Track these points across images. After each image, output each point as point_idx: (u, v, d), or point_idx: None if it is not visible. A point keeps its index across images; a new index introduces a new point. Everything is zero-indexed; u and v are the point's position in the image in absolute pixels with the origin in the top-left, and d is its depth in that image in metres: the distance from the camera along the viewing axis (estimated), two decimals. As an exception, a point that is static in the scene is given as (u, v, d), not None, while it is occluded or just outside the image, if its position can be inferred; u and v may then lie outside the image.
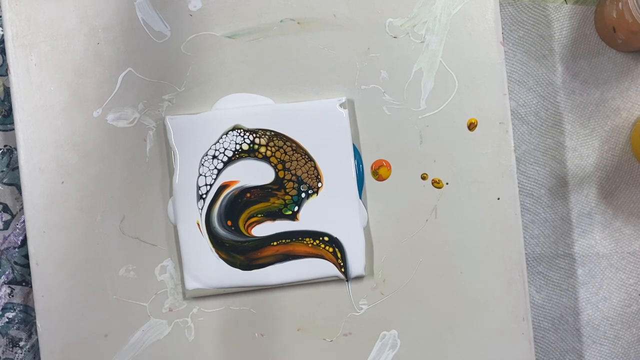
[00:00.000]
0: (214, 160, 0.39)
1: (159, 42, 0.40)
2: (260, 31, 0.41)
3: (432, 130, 0.41)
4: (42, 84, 0.40)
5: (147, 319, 0.40)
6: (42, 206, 0.39)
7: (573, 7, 0.46)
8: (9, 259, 0.43)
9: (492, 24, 0.41)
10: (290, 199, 0.40)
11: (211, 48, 0.40)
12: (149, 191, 0.40)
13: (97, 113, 0.40)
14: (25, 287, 0.43)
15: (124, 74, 0.40)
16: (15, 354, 0.43)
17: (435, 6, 0.41)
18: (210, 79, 0.40)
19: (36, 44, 0.40)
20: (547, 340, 0.47)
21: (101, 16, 0.40)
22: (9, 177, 0.43)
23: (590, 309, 0.47)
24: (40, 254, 0.39)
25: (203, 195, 0.39)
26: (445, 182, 0.41)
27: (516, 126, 0.46)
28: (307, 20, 0.41)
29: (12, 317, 0.43)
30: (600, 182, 0.47)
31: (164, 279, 0.40)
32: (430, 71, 0.41)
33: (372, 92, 0.41)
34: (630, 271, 0.47)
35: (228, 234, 0.39)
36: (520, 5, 0.46)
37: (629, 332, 0.47)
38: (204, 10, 0.40)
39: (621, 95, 0.46)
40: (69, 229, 0.39)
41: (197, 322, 0.40)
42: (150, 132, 0.40)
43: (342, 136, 0.40)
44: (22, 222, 0.43)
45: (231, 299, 0.40)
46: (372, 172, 0.41)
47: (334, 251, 0.40)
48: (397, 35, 0.41)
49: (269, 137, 0.40)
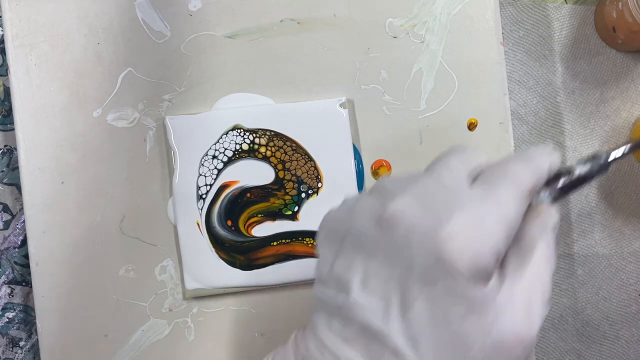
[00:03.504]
0: (214, 160, 0.39)
1: (159, 42, 0.40)
2: (260, 31, 0.41)
3: (432, 130, 0.41)
4: (42, 84, 0.40)
5: (147, 319, 0.40)
6: (42, 206, 0.39)
7: (573, 7, 0.46)
8: (9, 259, 0.43)
9: (492, 24, 0.41)
10: (290, 199, 0.40)
11: (211, 48, 0.40)
12: (149, 191, 0.40)
13: (97, 113, 0.40)
14: (25, 287, 0.43)
15: (124, 74, 0.40)
16: (15, 354, 0.43)
17: (435, 6, 0.41)
18: (210, 79, 0.40)
19: (36, 44, 0.40)
20: (547, 340, 0.47)
21: (101, 16, 0.40)
22: (9, 177, 0.43)
23: (590, 309, 0.47)
24: (40, 254, 0.39)
25: (203, 195, 0.39)
26: (445, 182, 0.41)
27: (516, 126, 0.46)
28: (307, 20, 0.41)
29: (12, 317, 0.43)
30: (600, 182, 0.47)
31: (164, 279, 0.40)
32: (430, 71, 0.41)
33: (372, 92, 0.41)
34: (630, 271, 0.47)
35: (228, 234, 0.39)
36: (520, 5, 0.46)
37: (629, 332, 0.47)
38: (204, 10, 0.40)
39: (621, 95, 0.46)
40: (69, 229, 0.39)
41: (197, 322, 0.40)
42: (150, 132, 0.40)
43: (342, 136, 0.40)
44: (22, 222, 0.43)
45: (231, 299, 0.40)
46: (372, 172, 0.41)
47: (334, 251, 0.40)
48: (397, 35, 0.41)
49: (269, 137, 0.40)
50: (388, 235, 0.24)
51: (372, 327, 0.24)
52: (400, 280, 0.24)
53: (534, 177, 0.25)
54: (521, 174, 0.25)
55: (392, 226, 0.24)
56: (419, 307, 0.23)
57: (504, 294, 0.23)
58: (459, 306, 0.23)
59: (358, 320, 0.24)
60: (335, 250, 0.27)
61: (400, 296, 0.24)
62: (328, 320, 0.26)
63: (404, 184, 0.25)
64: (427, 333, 0.23)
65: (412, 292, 0.23)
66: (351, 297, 0.25)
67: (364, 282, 0.25)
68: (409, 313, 0.23)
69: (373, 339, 0.24)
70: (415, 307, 0.23)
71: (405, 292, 0.24)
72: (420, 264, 0.23)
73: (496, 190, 0.24)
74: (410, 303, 0.23)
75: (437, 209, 0.24)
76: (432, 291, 0.23)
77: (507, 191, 0.24)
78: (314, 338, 0.26)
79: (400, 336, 0.23)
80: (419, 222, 0.24)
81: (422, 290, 0.23)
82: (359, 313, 0.24)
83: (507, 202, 0.24)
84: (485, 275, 0.23)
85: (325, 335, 0.25)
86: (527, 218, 0.25)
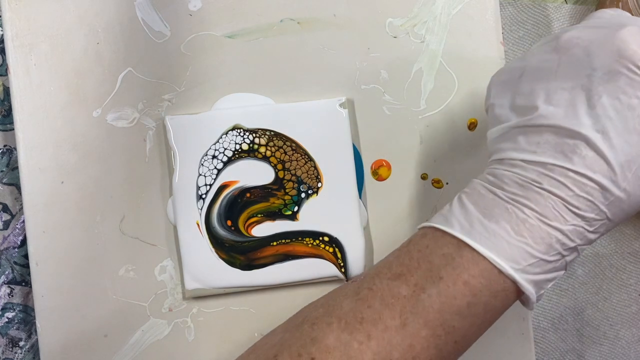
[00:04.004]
0: (214, 160, 0.39)
1: (158, 42, 0.40)
2: (260, 31, 0.41)
3: (432, 130, 0.41)
4: (42, 84, 0.40)
5: (146, 319, 0.40)
6: (42, 206, 0.39)
7: (573, 7, 0.46)
8: (9, 259, 0.43)
9: (492, 24, 0.41)
10: (290, 199, 0.40)
11: (211, 48, 0.40)
12: (148, 191, 0.40)
13: (96, 113, 0.40)
14: (25, 287, 0.43)
15: (124, 73, 0.40)
16: (15, 354, 0.43)
17: (435, 6, 0.41)
18: (210, 78, 0.40)
19: (36, 44, 0.40)
20: (547, 340, 0.47)
21: (101, 16, 0.40)
22: (9, 177, 0.43)
23: (590, 309, 0.47)
24: (40, 254, 0.39)
25: (203, 195, 0.39)
26: (445, 182, 0.41)
27: (516, 126, 0.46)
28: (307, 20, 0.41)
29: (12, 317, 0.43)
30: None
31: (163, 279, 0.40)
32: (430, 71, 0.41)
33: (372, 92, 0.41)
34: (630, 271, 0.47)
35: (228, 234, 0.39)
36: (520, 5, 0.46)
37: (629, 332, 0.47)
38: (204, 10, 0.40)
39: (621, 95, 0.46)
40: (68, 229, 0.39)
41: (197, 322, 0.40)
42: (150, 132, 0.40)
43: (342, 136, 0.40)
44: (22, 222, 0.43)
45: (231, 299, 0.40)
46: (372, 172, 0.41)
47: (333, 251, 0.40)
48: (397, 35, 0.41)
49: (268, 137, 0.40)
50: (566, 55, 0.28)
51: (563, 127, 0.27)
52: (583, 86, 0.27)
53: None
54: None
55: (570, 47, 0.28)
56: (605, 102, 0.26)
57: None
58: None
59: (549, 125, 0.27)
60: (512, 92, 0.30)
61: (586, 98, 0.27)
62: (513, 145, 0.28)
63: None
64: (615, 122, 0.26)
65: (597, 91, 0.26)
66: (538, 111, 0.28)
67: (547, 99, 0.28)
68: (596, 109, 0.26)
69: (564, 139, 0.27)
70: (601, 102, 0.26)
71: (589, 94, 0.27)
72: (602, 67, 0.26)
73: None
74: (596, 101, 0.26)
75: (611, 27, 0.27)
76: (615, 86, 0.26)
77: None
78: (499, 162, 0.29)
79: (591, 129, 0.26)
80: (595, 37, 0.27)
81: (606, 88, 0.26)
82: (548, 120, 0.27)
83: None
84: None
85: (513, 154, 0.28)
86: None
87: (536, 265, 0.27)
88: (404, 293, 0.28)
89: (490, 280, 0.27)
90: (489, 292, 0.28)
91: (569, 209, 0.27)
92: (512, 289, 0.28)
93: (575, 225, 0.27)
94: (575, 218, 0.27)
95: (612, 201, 0.27)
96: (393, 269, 0.30)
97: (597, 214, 0.27)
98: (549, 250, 0.27)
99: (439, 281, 0.28)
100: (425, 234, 0.30)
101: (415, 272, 0.29)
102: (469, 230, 0.28)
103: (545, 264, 0.27)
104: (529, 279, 0.27)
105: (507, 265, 0.27)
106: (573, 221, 0.27)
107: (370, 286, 0.29)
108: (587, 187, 0.26)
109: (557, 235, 0.27)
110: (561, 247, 0.27)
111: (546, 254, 0.27)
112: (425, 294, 0.28)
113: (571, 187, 0.27)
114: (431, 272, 0.28)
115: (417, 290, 0.28)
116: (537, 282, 0.28)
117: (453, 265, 0.28)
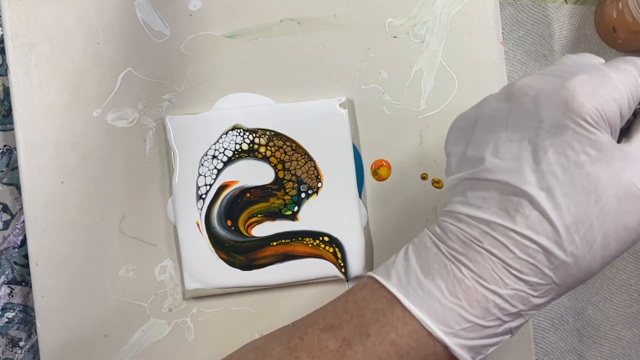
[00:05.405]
0: (214, 160, 0.39)
1: (158, 42, 0.40)
2: (260, 31, 0.41)
3: (432, 130, 0.41)
4: (42, 84, 0.40)
5: (146, 319, 0.40)
6: (42, 206, 0.39)
7: (573, 7, 0.46)
8: (9, 259, 0.43)
9: (492, 24, 0.41)
10: (290, 199, 0.40)
11: (211, 48, 0.40)
12: (148, 191, 0.40)
13: (96, 113, 0.40)
14: (25, 287, 0.43)
15: (124, 73, 0.40)
16: (15, 354, 0.43)
17: (435, 6, 0.41)
18: (210, 78, 0.40)
19: (36, 44, 0.40)
20: (547, 340, 0.47)
21: (101, 16, 0.40)
22: (9, 177, 0.43)
23: (591, 309, 0.47)
24: (40, 254, 0.39)
25: (203, 195, 0.39)
26: (445, 182, 0.41)
27: (516, 126, 0.46)
28: (307, 20, 0.41)
29: (12, 317, 0.43)
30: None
31: (163, 279, 0.40)
32: (430, 71, 0.41)
33: (372, 92, 0.41)
34: (630, 271, 0.47)
35: (228, 234, 0.39)
36: (520, 5, 0.46)
37: (630, 333, 0.47)
38: (204, 10, 0.40)
39: (621, 95, 0.46)
40: (68, 229, 0.39)
41: (197, 322, 0.40)
42: (150, 132, 0.40)
43: (342, 136, 0.40)
44: (22, 222, 0.43)
45: (231, 299, 0.40)
46: (372, 172, 0.41)
47: (333, 251, 0.40)
48: (397, 35, 0.41)
49: (268, 137, 0.40)
50: (516, 104, 0.26)
51: (508, 183, 0.25)
52: (530, 139, 0.25)
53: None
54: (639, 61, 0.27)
55: (520, 96, 0.26)
56: (550, 158, 0.25)
57: (634, 146, 0.25)
58: (589, 149, 0.24)
59: (493, 180, 0.26)
60: (466, 141, 0.28)
61: (532, 152, 0.25)
62: (461, 199, 0.27)
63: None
64: (560, 180, 0.24)
65: (543, 145, 0.25)
66: (484, 164, 0.26)
67: (495, 152, 0.26)
68: (541, 165, 0.25)
69: (508, 196, 0.25)
70: (547, 158, 0.25)
71: (536, 148, 0.25)
72: (549, 119, 0.25)
73: (616, 64, 0.26)
74: (542, 156, 0.25)
75: (562, 76, 0.26)
76: (561, 141, 0.25)
77: (626, 65, 0.26)
78: (448, 215, 0.27)
79: (535, 187, 0.25)
80: (545, 86, 0.26)
81: (552, 142, 0.25)
82: (493, 175, 0.26)
83: (628, 70, 0.26)
84: (610, 129, 0.25)
85: (460, 209, 0.27)
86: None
87: (470, 329, 0.25)
88: (331, 347, 0.27)
89: (420, 342, 0.25)
90: (418, 355, 0.26)
91: (510, 272, 0.25)
92: (444, 354, 0.26)
93: (516, 290, 0.25)
94: (516, 282, 0.25)
95: (557, 265, 0.25)
96: (327, 320, 0.28)
97: (542, 278, 0.25)
98: (485, 314, 0.25)
99: (367, 338, 0.26)
100: (365, 284, 0.28)
101: (346, 326, 0.27)
102: (405, 286, 0.26)
103: (482, 329, 0.25)
104: (461, 343, 0.25)
105: (437, 328, 0.25)
106: (514, 285, 0.25)
107: (302, 335, 0.28)
108: (530, 249, 0.24)
109: (495, 300, 0.25)
110: (500, 312, 0.25)
111: (482, 318, 0.25)
112: (352, 351, 0.26)
113: (512, 248, 0.25)
114: (360, 328, 0.27)
115: (344, 346, 0.27)
116: (472, 347, 0.25)
117: (382, 323, 0.26)
